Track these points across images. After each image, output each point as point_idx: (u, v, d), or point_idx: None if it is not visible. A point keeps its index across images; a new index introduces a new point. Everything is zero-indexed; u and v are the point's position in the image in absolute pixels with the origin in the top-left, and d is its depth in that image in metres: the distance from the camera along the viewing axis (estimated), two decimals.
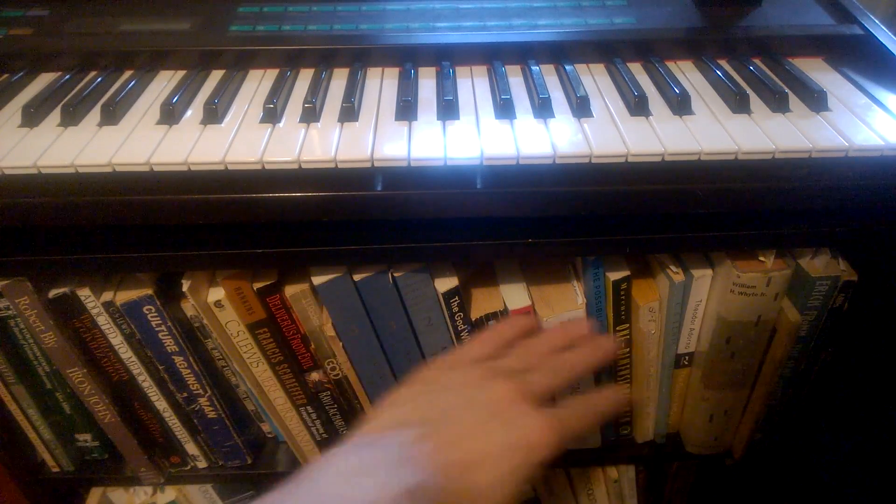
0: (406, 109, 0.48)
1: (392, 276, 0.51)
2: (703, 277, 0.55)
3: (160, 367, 0.56)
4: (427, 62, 0.56)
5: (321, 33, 0.56)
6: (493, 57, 0.56)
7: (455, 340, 0.56)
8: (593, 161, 0.44)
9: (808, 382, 0.62)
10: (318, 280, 0.51)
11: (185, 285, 0.51)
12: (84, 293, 0.52)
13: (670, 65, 0.55)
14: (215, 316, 0.53)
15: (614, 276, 0.54)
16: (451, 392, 0.41)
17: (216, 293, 0.52)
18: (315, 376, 0.59)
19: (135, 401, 0.60)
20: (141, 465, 0.64)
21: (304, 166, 0.44)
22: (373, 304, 0.53)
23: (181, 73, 0.55)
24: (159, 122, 0.48)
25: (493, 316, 0.55)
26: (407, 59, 0.55)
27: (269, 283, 0.52)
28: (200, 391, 0.58)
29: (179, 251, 0.48)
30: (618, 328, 0.58)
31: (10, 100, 0.51)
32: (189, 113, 0.49)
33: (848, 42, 0.56)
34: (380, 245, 0.48)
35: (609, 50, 0.56)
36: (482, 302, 0.56)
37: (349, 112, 0.48)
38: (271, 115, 0.48)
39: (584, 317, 0.54)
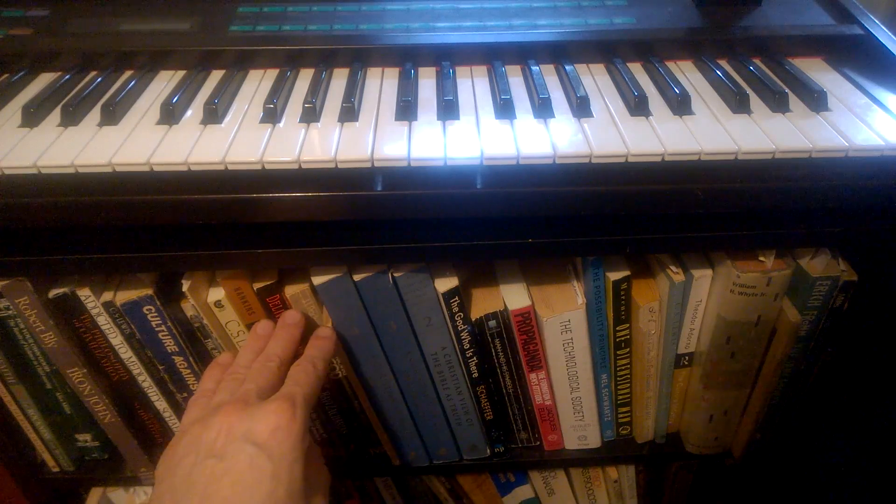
0: (406, 109, 0.48)
1: (392, 276, 0.51)
2: (703, 277, 0.55)
3: (160, 367, 0.56)
4: (427, 62, 0.56)
5: (321, 33, 0.56)
6: (493, 57, 0.56)
7: (455, 340, 0.56)
8: (593, 161, 0.44)
9: (808, 382, 0.62)
10: (318, 280, 0.51)
11: (185, 285, 0.51)
12: (84, 293, 0.52)
13: (670, 65, 0.55)
14: (215, 316, 0.53)
15: (614, 276, 0.54)
16: (189, 454, 0.43)
17: (216, 293, 0.52)
18: None
19: (135, 401, 0.60)
20: (141, 465, 0.64)
21: (304, 166, 0.44)
22: (373, 304, 0.53)
23: (181, 73, 0.55)
24: (159, 122, 0.48)
25: (493, 316, 0.55)
26: (407, 59, 0.55)
27: (269, 283, 0.52)
28: None
29: (179, 251, 0.47)
30: (618, 328, 0.58)
31: (10, 100, 0.51)
32: (189, 113, 0.49)
33: (848, 42, 0.56)
34: (380, 245, 0.48)
35: (609, 50, 0.56)
36: (482, 302, 0.56)
37: (349, 112, 0.48)
38: (271, 115, 0.48)
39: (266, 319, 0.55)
